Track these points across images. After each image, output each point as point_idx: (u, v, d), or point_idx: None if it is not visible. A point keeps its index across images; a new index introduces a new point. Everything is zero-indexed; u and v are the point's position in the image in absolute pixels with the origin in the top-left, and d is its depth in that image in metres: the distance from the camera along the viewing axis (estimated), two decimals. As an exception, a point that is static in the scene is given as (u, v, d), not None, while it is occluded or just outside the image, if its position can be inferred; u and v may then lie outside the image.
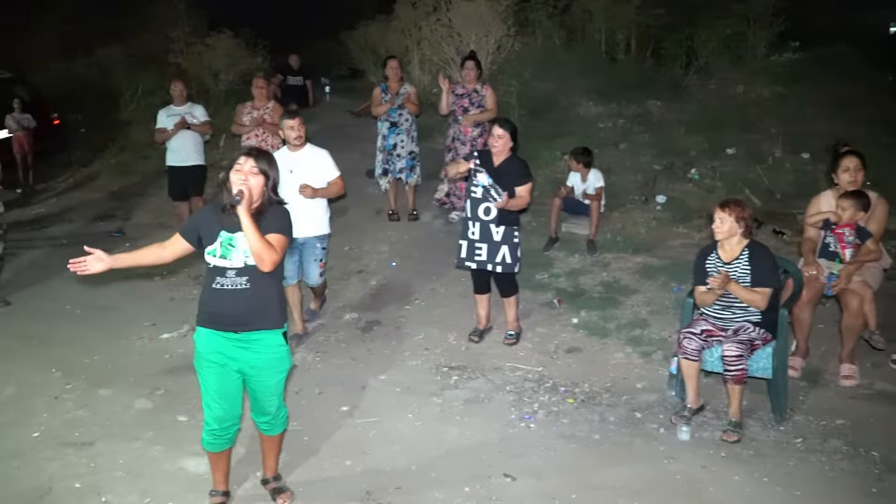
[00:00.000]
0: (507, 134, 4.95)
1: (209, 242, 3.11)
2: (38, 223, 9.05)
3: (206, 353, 3.16)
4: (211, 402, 3.19)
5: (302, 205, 4.89)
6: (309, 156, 5.11)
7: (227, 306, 3.10)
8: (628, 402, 4.44)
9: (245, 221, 3.00)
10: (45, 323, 5.83)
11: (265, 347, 3.20)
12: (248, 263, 3.10)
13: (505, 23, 9.75)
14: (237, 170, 3.09)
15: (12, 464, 3.75)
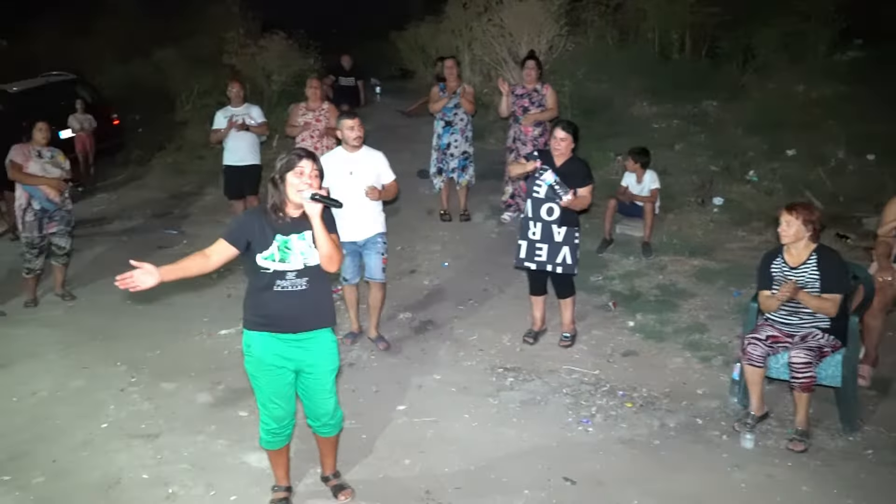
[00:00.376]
0: (569, 136, 4.93)
1: (263, 248, 3.09)
2: (99, 220, 9.32)
3: (265, 358, 3.18)
4: (268, 403, 3.23)
5: (362, 206, 4.90)
6: (366, 157, 5.05)
7: (288, 308, 3.13)
8: (688, 408, 4.36)
9: (317, 225, 3.03)
10: (108, 317, 5.99)
11: (320, 345, 3.24)
12: (307, 265, 3.13)
13: (557, 22, 9.68)
14: (300, 173, 3.08)
15: (82, 453, 3.86)
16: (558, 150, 4.95)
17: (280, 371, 3.19)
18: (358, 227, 4.97)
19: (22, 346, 5.31)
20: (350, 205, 4.60)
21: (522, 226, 5.13)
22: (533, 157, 5.05)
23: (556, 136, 4.95)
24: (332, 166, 4.63)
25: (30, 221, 6.06)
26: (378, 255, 5.14)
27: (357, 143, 4.96)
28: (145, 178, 11.39)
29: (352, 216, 4.78)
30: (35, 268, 6.20)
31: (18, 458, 3.81)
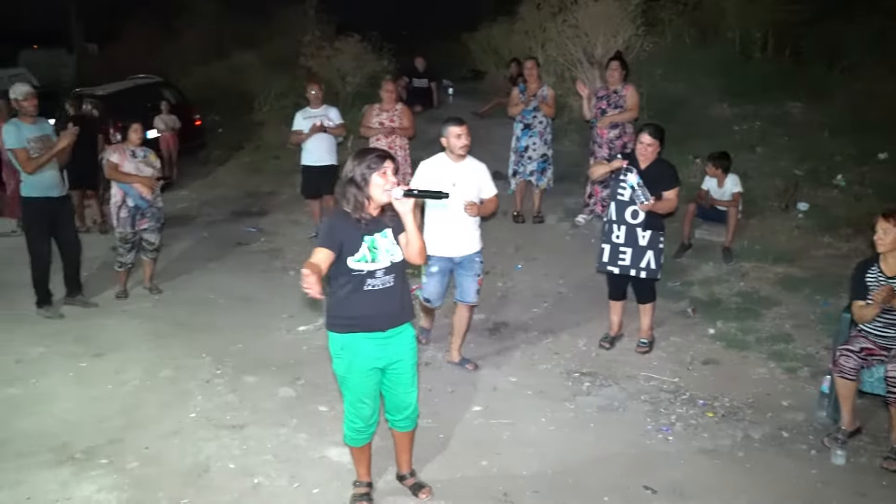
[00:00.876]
0: (656, 142, 4.86)
1: (354, 251, 3.12)
2: (181, 217, 9.67)
3: (361, 360, 3.22)
4: (357, 403, 3.29)
5: (461, 220, 4.63)
6: (470, 168, 4.69)
7: (379, 306, 3.19)
8: (773, 420, 4.23)
9: (410, 219, 3.10)
10: (192, 311, 6.22)
11: (405, 339, 3.32)
12: (393, 261, 3.19)
13: (634, 22, 9.51)
14: (383, 173, 3.12)
15: (173, 441, 4.03)
16: (644, 154, 4.87)
17: (371, 372, 3.25)
18: (455, 242, 4.73)
19: (114, 337, 5.57)
20: (449, 219, 4.60)
21: (605, 229, 5.07)
22: (616, 157, 5.00)
23: (642, 142, 4.87)
24: (434, 175, 4.51)
25: (124, 218, 6.34)
26: (475, 276, 4.82)
27: (463, 153, 4.60)
28: (224, 177, 11.77)
29: (450, 230, 4.67)
30: (127, 262, 6.48)
31: (114, 443, 3.99)
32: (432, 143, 10.20)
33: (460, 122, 4.64)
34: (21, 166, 5.72)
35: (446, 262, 4.77)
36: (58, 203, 5.96)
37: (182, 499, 3.48)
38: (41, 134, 5.80)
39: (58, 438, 4.03)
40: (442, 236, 4.67)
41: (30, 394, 4.59)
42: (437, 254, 4.69)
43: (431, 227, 4.71)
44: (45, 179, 5.81)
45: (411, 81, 11.74)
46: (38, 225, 5.91)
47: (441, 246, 4.66)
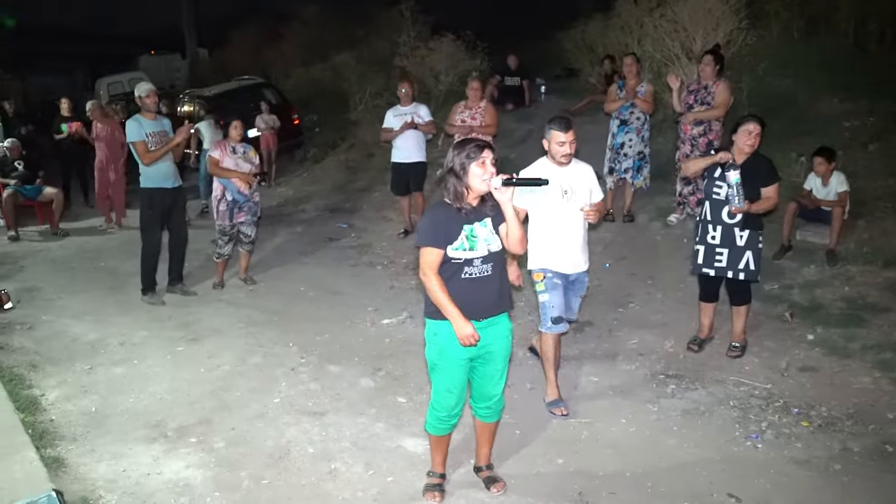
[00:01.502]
0: (759, 129, 4.62)
1: (453, 239, 3.16)
2: (278, 213, 10.05)
3: (451, 347, 3.22)
4: (445, 392, 3.30)
5: (577, 232, 4.26)
6: (578, 172, 4.27)
7: (477, 293, 3.20)
8: (876, 433, 3.94)
9: (510, 208, 3.11)
10: (284, 302, 6.44)
11: (502, 328, 3.32)
12: (491, 251, 3.20)
13: (737, 15, 9.10)
14: (481, 163, 3.11)
15: (258, 424, 4.18)
16: (748, 145, 4.61)
17: (461, 362, 3.26)
18: (570, 257, 4.28)
19: (209, 324, 5.84)
20: (562, 230, 4.21)
21: (700, 229, 4.86)
22: (711, 153, 4.80)
23: (749, 131, 4.60)
24: None
25: (223, 211, 6.64)
26: (580, 296, 4.52)
27: (566, 161, 4.19)
28: (320, 175, 12.13)
29: (564, 244, 4.24)
30: (224, 253, 6.78)
31: (204, 423, 4.19)
32: (521, 141, 10.22)
33: (566, 127, 4.11)
34: (139, 158, 6.16)
35: (561, 277, 4.31)
36: (172, 194, 6.34)
37: (263, 479, 3.61)
38: (159, 129, 6.22)
39: (153, 416, 4.27)
40: (555, 251, 4.25)
41: (131, 374, 4.89)
42: (553, 267, 4.28)
43: (542, 241, 4.27)
44: (161, 171, 6.21)
45: (503, 80, 11.69)
46: (153, 213, 6.31)
47: (555, 260, 4.27)
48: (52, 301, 6.46)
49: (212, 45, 24.49)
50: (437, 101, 12.17)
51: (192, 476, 3.64)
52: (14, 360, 5.01)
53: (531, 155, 9.70)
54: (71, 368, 4.95)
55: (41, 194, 9.21)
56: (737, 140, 4.70)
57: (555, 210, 4.18)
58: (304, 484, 3.58)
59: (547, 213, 4.20)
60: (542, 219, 4.25)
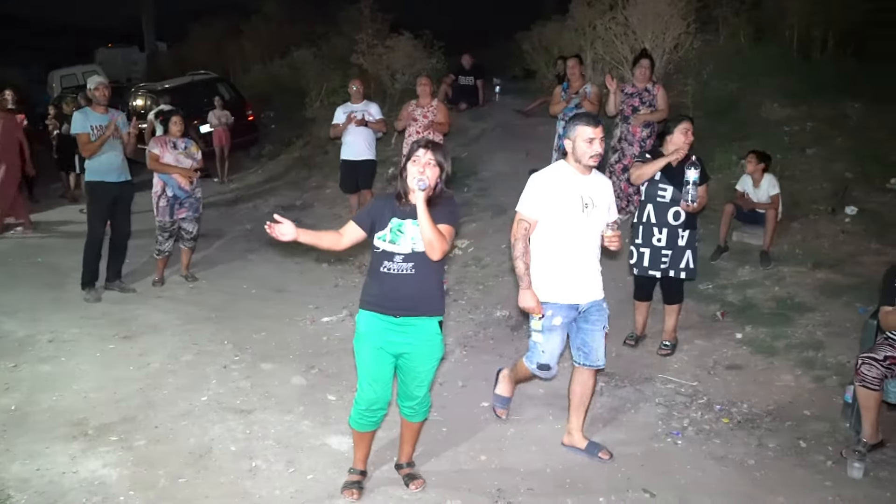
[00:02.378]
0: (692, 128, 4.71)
1: (381, 228, 3.21)
2: (228, 210, 9.94)
3: (368, 336, 3.27)
4: (365, 384, 3.31)
5: (593, 254, 3.67)
6: (600, 184, 3.69)
7: (392, 290, 3.20)
8: (793, 429, 4.04)
9: (421, 210, 3.07)
10: (224, 300, 6.38)
11: (422, 333, 3.27)
12: (415, 250, 3.18)
13: (685, 20, 9.25)
14: (415, 161, 3.16)
15: (182, 422, 4.12)
16: (686, 144, 4.67)
17: (380, 353, 3.26)
18: (582, 284, 3.63)
19: (145, 321, 5.76)
20: (575, 253, 3.58)
21: (643, 232, 4.86)
22: (645, 159, 4.85)
23: (684, 130, 4.66)
24: (558, 192, 3.55)
25: (163, 207, 6.54)
26: (602, 329, 3.76)
27: (594, 163, 3.56)
28: (274, 171, 12.04)
29: (575, 268, 3.60)
30: (165, 249, 6.68)
31: (127, 421, 4.12)
32: (475, 140, 10.24)
33: (595, 122, 3.55)
34: (81, 149, 6.15)
35: (569, 310, 3.64)
36: (117, 188, 6.26)
37: (180, 478, 3.56)
38: (107, 123, 6.13)
39: (75, 415, 4.19)
40: (564, 276, 3.59)
41: (57, 371, 4.79)
42: (558, 300, 3.60)
43: (549, 263, 3.62)
44: (104, 163, 6.16)
45: (458, 79, 11.72)
46: (97, 207, 6.23)
47: (562, 290, 3.59)
48: (-17, 297, 6.31)
49: (172, 39, 24.13)
50: (392, 99, 12.16)
51: (107, 475, 3.57)
52: (-65, 358, 4.88)
53: (484, 154, 9.84)
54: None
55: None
56: (674, 140, 4.76)
57: (571, 226, 3.55)
58: (222, 482, 3.53)
59: (561, 230, 3.56)
60: (553, 235, 3.60)
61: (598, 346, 3.72)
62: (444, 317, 3.37)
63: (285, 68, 15.59)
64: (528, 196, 3.64)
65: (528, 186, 3.66)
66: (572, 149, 3.58)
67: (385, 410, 3.39)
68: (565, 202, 3.53)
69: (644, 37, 9.32)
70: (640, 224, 4.94)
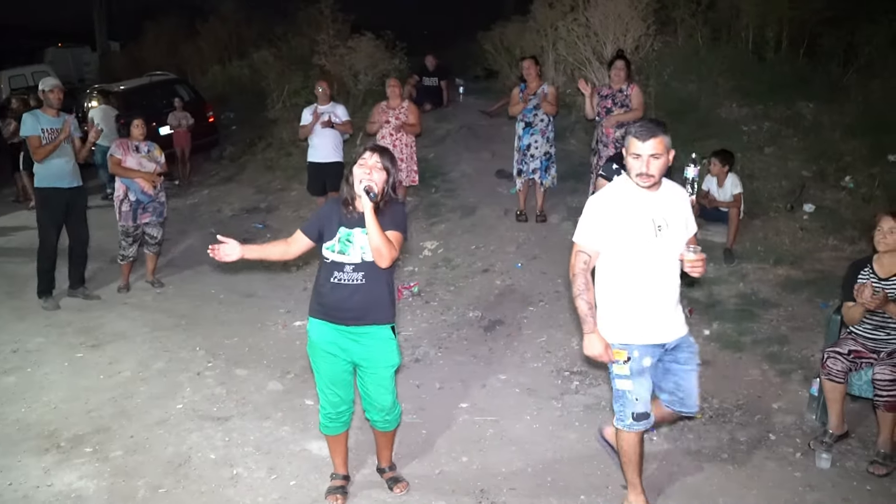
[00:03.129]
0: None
1: (329, 238, 3.16)
2: (191, 213, 9.78)
3: (319, 344, 3.27)
4: (325, 388, 3.32)
5: (670, 286, 3.17)
6: (671, 198, 3.17)
7: (343, 300, 3.17)
8: (762, 423, 4.17)
9: (369, 217, 3.03)
10: (193, 305, 6.30)
11: (375, 340, 3.25)
12: (365, 259, 3.14)
13: (644, 21, 9.43)
14: (361, 164, 3.13)
15: (157, 431, 4.07)
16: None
17: (334, 359, 3.26)
18: (666, 319, 3.16)
19: (112, 329, 5.65)
20: (655, 282, 3.10)
21: None
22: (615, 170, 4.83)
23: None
24: (623, 211, 3.06)
25: (125, 212, 6.42)
26: (695, 370, 3.28)
27: (644, 183, 3.04)
28: (237, 174, 11.87)
29: (659, 300, 3.12)
30: (129, 255, 6.56)
31: (101, 432, 4.05)
32: (440, 141, 10.27)
33: (648, 134, 2.98)
34: (31, 153, 5.96)
35: (655, 350, 3.16)
36: (69, 194, 6.10)
37: (160, 488, 3.52)
38: (59, 126, 5.99)
39: (46, 427, 4.10)
40: (644, 314, 3.11)
41: (24, 382, 4.68)
42: (640, 341, 3.13)
43: (622, 301, 3.15)
44: (52, 168, 5.99)
45: (421, 80, 11.75)
46: (49, 214, 6.06)
47: (643, 329, 3.12)
48: (-61, 308, 6.12)
49: (124, 39, 23.59)
50: (356, 100, 12.12)
51: (84, 487, 3.51)
52: None
53: (450, 154, 9.87)
54: (-43, 379, 4.70)
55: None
56: None
57: (643, 253, 3.06)
58: (203, 491, 3.50)
59: (631, 259, 3.08)
60: (622, 266, 3.11)
61: (694, 390, 3.25)
62: (401, 321, 3.39)
63: (245, 69, 15.41)
64: (585, 223, 3.14)
65: (586, 211, 3.17)
66: (628, 167, 3.08)
67: (351, 409, 3.40)
68: (632, 226, 3.03)
69: (605, 38, 9.48)
70: None
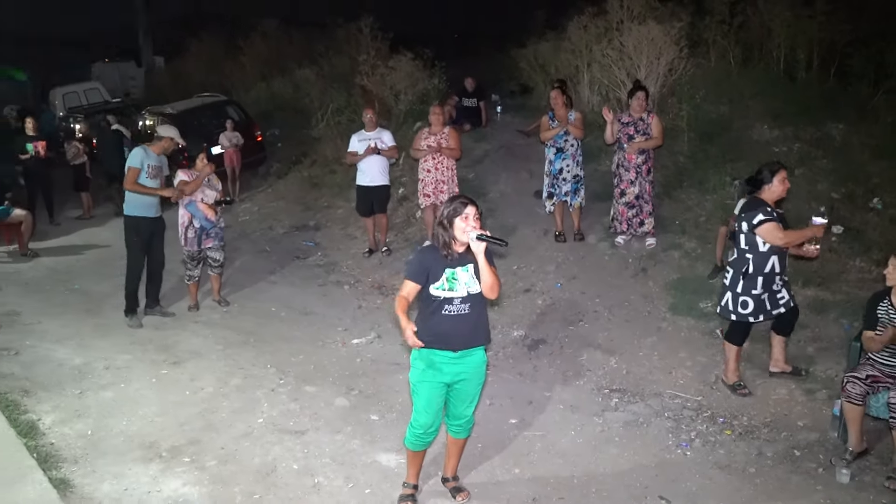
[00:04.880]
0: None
1: (435, 280, 3.69)
2: (244, 231, 10.37)
3: (429, 371, 3.76)
4: (423, 410, 3.81)
5: None
6: None
7: (455, 329, 3.71)
8: (787, 439, 4.56)
9: (481, 259, 3.59)
10: (257, 323, 6.84)
11: (476, 360, 3.82)
12: (471, 292, 3.70)
13: (677, 45, 9.77)
14: (465, 218, 3.63)
15: (244, 443, 4.60)
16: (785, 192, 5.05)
17: (437, 385, 3.76)
18: None
19: (188, 346, 6.21)
20: None
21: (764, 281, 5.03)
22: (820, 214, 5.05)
23: (783, 179, 5.02)
24: None
25: (191, 238, 7.00)
26: None
27: None
28: (284, 191, 12.44)
29: None
30: (195, 275, 7.15)
31: (194, 443, 4.59)
32: (478, 161, 10.72)
33: None
34: (125, 180, 6.56)
35: None
36: (153, 223, 6.74)
37: (254, 494, 4.04)
38: (158, 164, 6.68)
39: (146, 438, 4.65)
40: None
41: (120, 398, 5.24)
42: None
43: None
44: (145, 200, 6.62)
45: (461, 100, 12.21)
46: (139, 239, 6.68)
47: None
48: (32, 325, 6.73)
49: (167, 54, 24.39)
50: (397, 119, 12.61)
51: (189, 493, 4.04)
52: (6, 387, 5.30)
53: (489, 174, 10.33)
54: (62, 393, 5.27)
55: (10, 216, 9.37)
56: (774, 188, 5.00)
57: None
58: (291, 497, 4.02)
59: None
60: None
61: None
62: None
63: (287, 87, 16.00)
64: None
65: None
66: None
67: (437, 433, 3.89)
68: None
69: (639, 61, 9.84)
70: (750, 273, 5.03)
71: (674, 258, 7.28)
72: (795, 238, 4.96)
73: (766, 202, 4.94)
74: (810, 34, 10.07)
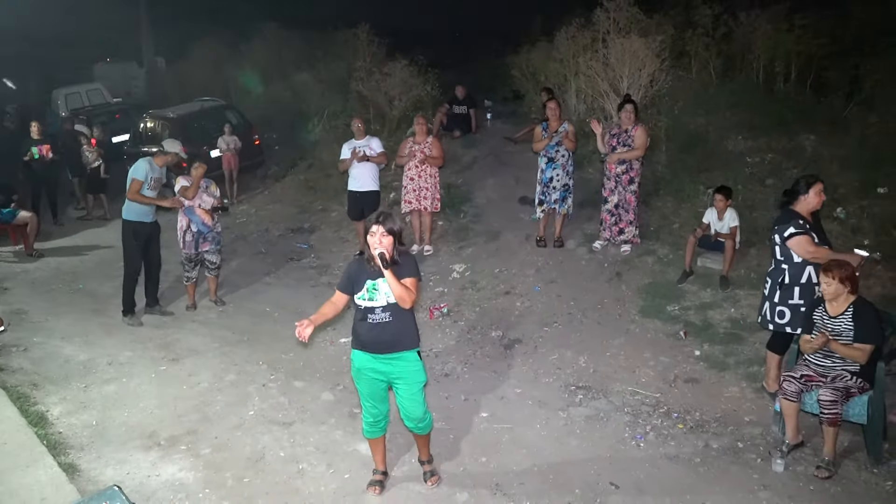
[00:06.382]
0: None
1: (359, 290, 4.07)
2: (241, 233, 10.77)
3: (362, 370, 4.20)
4: (366, 403, 4.25)
5: None
6: None
7: (377, 335, 4.09)
8: (733, 433, 4.97)
9: (388, 276, 3.91)
10: (251, 322, 7.25)
11: (405, 363, 4.17)
12: (390, 302, 4.03)
13: (659, 58, 10.16)
14: (371, 235, 3.96)
15: (236, 433, 5.02)
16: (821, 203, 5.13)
17: (373, 381, 4.18)
18: None
19: (186, 344, 6.63)
20: None
21: (798, 292, 5.05)
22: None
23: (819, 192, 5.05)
24: None
25: (189, 241, 7.42)
26: None
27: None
28: (280, 193, 12.85)
29: None
30: (192, 276, 7.58)
31: (190, 433, 5.02)
32: (467, 167, 11.15)
33: None
34: (128, 189, 6.93)
35: None
36: (151, 227, 7.16)
37: (244, 478, 4.47)
38: (159, 176, 7.12)
39: (147, 428, 5.07)
40: None
41: (122, 391, 5.67)
42: None
43: None
44: (143, 206, 7.02)
45: (452, 108, 12.60)
46: (136, 243, 7.10)
47: None
48: (39, 323, 7.16)
49: (168, 55, 24.71)
50: (391, 124, 13.02)
51: (185, 477, 4.47)
52: (17, 380, 5.73)
53: (477, 181, 10.76)
54: (68, 387, 5.70)
55: (16, 217, 9.78)
56: (810, 200, 5.07)
57: None
58: (277, 481, 4.44)
59: None
60: None
61: None
62: (433, 339, 4.34)
63: (286, 91, 16.38)
64: None
65: None
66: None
67: (387, 419, 4.33)
68: None
69: (622, 73, 10.24)
70: (787, 284, 5.10)
71: (647, 263, 7.69)
72: (825, 256, 4.85)
73: (799, 214, 5.02)
74: (788, 47, 10.46)
